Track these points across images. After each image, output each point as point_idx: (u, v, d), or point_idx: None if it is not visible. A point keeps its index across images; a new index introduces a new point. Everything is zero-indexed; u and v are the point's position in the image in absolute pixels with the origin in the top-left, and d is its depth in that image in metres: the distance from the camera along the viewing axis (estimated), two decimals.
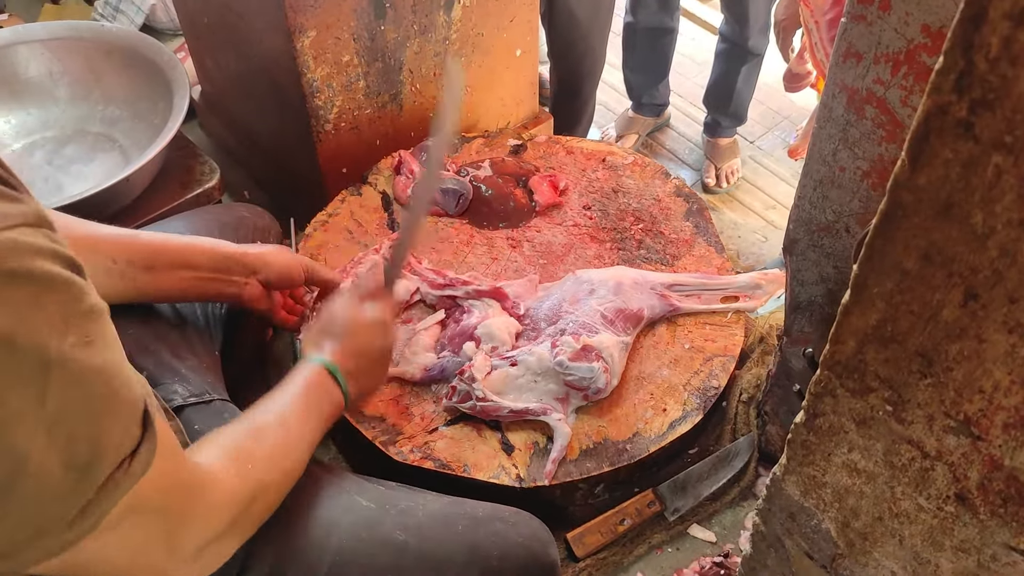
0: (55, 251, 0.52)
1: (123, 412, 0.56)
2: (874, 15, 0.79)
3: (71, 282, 0.53)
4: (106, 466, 0.55)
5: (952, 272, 0.51)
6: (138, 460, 0.58)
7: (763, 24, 2.41)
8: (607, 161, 1.64)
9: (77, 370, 0.52)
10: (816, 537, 0.77)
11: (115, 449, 0.56)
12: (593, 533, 1.25)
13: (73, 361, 0.51)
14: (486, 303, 1.33)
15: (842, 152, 0.93)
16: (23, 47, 1.66)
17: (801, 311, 1.15)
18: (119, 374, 0.56)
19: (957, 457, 0.59)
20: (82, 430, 0.53)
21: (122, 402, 0.56)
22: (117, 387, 0.55)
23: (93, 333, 0.54)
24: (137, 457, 0.58)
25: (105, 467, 0.55)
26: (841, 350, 0.62)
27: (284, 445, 0.88)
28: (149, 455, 0.59)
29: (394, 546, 0.92)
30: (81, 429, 0.53)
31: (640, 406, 1.27)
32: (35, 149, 1.67)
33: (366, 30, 1.49)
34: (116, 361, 0.56)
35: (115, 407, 0.55)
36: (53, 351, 0.50)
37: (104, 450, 0.55)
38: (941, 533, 0.65)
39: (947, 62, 0.45)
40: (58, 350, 0.50)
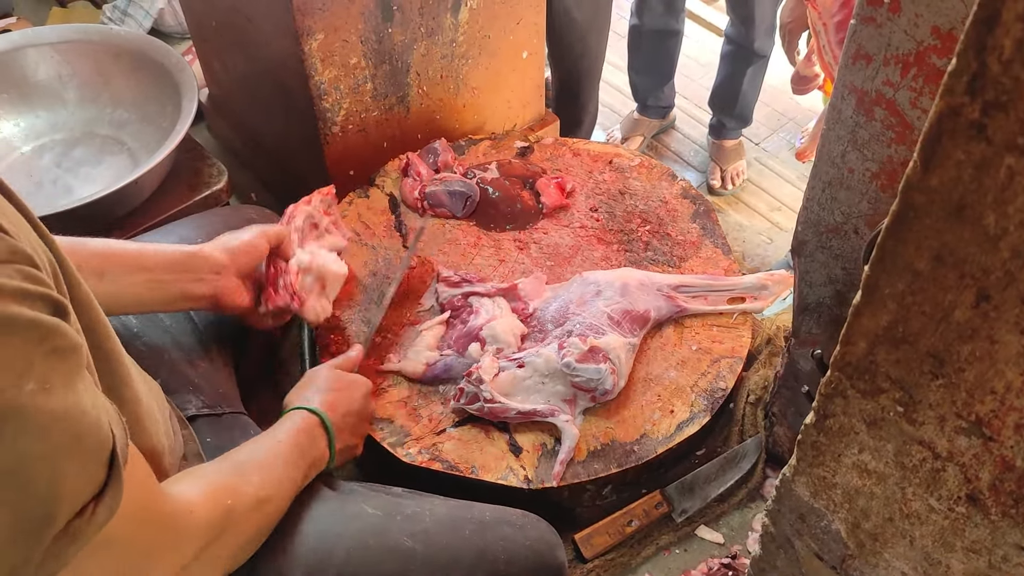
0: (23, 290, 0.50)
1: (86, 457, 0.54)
2: (884, 17, 0.79)
3: (35, 323, 0.50)
4: (64, 514, 0.53)
5: (964, 273, 0.51)
6: (103, 505, 0.56)
7: (769, 26, 2.41)
8: (614, 163, 1.64)
9: (35, 418, 0.50)
10: (826, 538, 0.77)
11: (73, 496, 0.53)
12: (601, 534, 1.25)
13: (31, 409, 0.49)
14: (496, 304, 1.34)
15: (851, 154, 0.93)
16: (32, 50, 1.66)
17: (809, 313, 1.15)
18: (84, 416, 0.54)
19: (968, 458, 0.59)
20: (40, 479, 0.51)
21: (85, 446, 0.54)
22: (81, 432, 0.53)
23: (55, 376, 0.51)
24: (102, 502, 0.56)
25: (63, 515, 0.53)
26: (852, 351, 0.62)
27: (268, 484, 0.87)
28: (115, 499, 0.57)
29: (401, 553, 0.92)
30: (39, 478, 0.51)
31: (647, 407, 1.27)
32: (44, 152, 1.67)
33: (373, 33, 1.50)
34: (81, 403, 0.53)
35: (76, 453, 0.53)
36: (10, 400, 0.48)
37: (62, 498, 0.52)
38: (952, 534, 0.65)
39: (960, 64, 0.45)
40: (15, 400, 0.48)
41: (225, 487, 0.81)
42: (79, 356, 0.55)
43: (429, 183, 1.55)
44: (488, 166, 1.61)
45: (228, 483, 0.82)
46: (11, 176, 1.61)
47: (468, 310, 1.35)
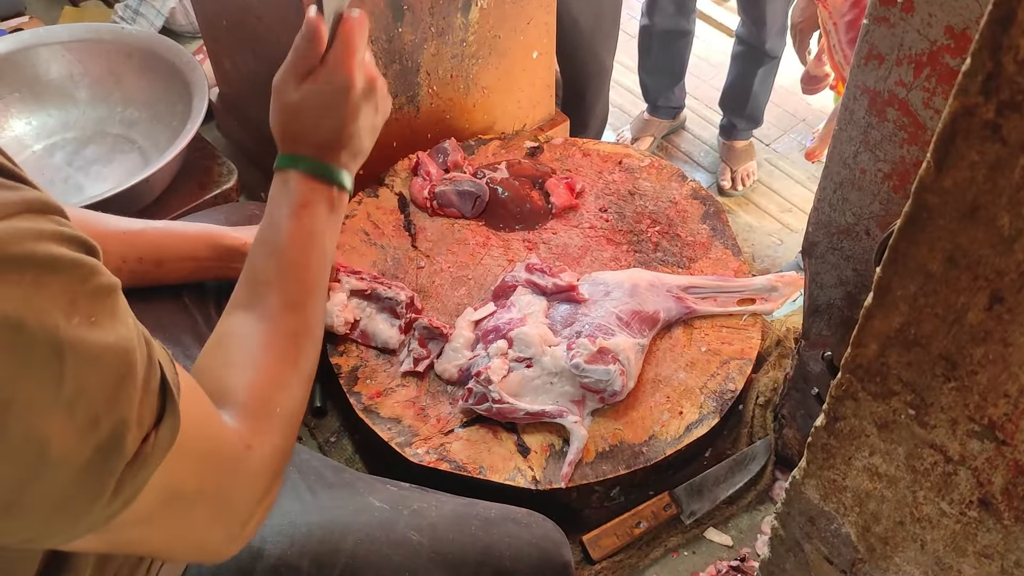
0: (59, 233, 0.52)
1: (141, 385, 0.55)
2: (897, 17, 0.79)
3: (77, 262, 0.52)
4: (131, 441, 0.54)
5: (977, 275, 0.51)
6: (164, 430, 0.57)
7: (780, 26, 2.40)
8: (624, 163, 1.64)
9: (89, 349, 0.51)
10: (836, 541, 0.77)
11: (137, 424, 0.55)
12: (609, 536, 1.25)
13: (83, 341, 0.51)
14: (532, 299, 1.33)
15: (863, 154, 0.92)
16: (44, 49, 1.67)
17: (820, 314, 1.15)
18: (132, 349, 0.55)
19: (981, 462, 0.59)
20: (102, 409, 0.52)
21: (138, 377, 0.55)
22: (131, 362, 0.54)
23: (100, 311, 0.53)
24: (162, 428, 0.57)
25: (130, 443, 0.54)
26: (863, 353, 0.62)
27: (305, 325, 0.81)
28: (173, 425, 0.58)
29: (408, 547, 0.92)
30: (101, 408, 0.52)
31: (656, 409, 1.26)
32: (55, 150, 1.68)
33: (383, 32, 1.50)
34: (128, 337, 0.55)
35: (131, 383, 0.54)
36: (63, 332, 0.49)
37: (126, 426, 0.54)
38: (964, 538, 0.65)
39: (974, 64, 0.44)
40: (67, 331, 0.50)
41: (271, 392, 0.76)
42: (119, 293, 0.56)
43: (439, 183, 1.55)
44: (498, 166, 1.60)
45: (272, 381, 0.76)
46: None
47: (504, 300, 1.35)
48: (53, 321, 0.49)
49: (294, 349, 0.80)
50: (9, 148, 1.65)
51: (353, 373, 1.30)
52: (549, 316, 1.33)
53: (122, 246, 1.01)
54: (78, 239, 0.54)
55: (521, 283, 1.36)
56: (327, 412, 1.43)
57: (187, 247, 1.08)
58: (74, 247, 0.53)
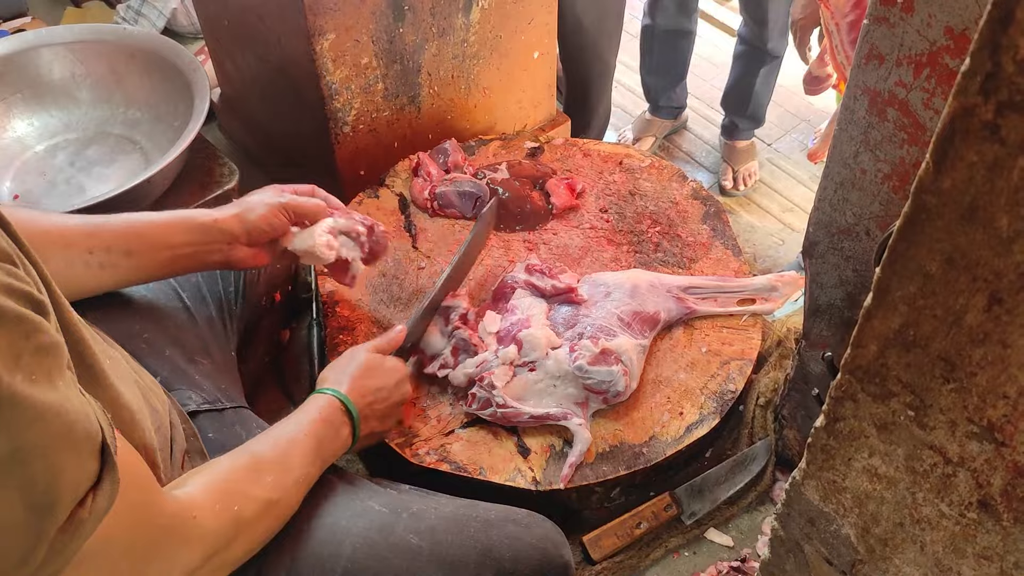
0: (7, 285, 0.51)
1: (79, 448, 0.54)
2: (897, 17, 0.79)
3: (20, 318, 0.51)
4: (65, 505, 0.53)
5: (976, 276, 0.51)
6: (101, 495, 0.56)
7: (782, 26, 2.39)
8: (624, 164, 1.64)
9: (29, 407, 0.50)
10: (836, 542, 0.77)
11: (72, 487, 0.54)
12: (609, 536, 1.25)
13: (24, 398, 0.50)
14: (533, 301, 1.33)
15: (863, 154, 0.92)
16: (46, 50, 1.68)
17: (820, 314, 1.15)
18: (72, 409, 0.54)
19: (980, 463, 0.59)
20: (38, 470, 0.51)
21: (77, 438, 0.54)
22: (71, 423, 0.54)
23: (42, 370, 0.52)
24: (100, 491, 0.56)
25: (64, 506, 0.53)
26: (862, 354, 0.62)
27: (280, 485, 0.87)
28: (112, 488, 0.57)
29: (407, 550, 0.92)
30: (37, 469, 0.51)
31: (657, 410, 1.26)
32: (57, 151, 1.68)
33: (385, 33, 1.50)
34: (69, 397, 0.54)
35: (70, 444, 0.53)
36: (4, 387, 0.49)
37: (62, 489, 0.53)
38: (963, 540, 0.64)
39: (973, 64, 0.44)
40: (9, 387, 0.49)
41: (234, 491, 0.80)
42: (61, 353, 0.55)
43: (439, 183, 1.55)
44: (498, 166, 1.60)
45: (238, 486, 0.81)
46: (25, 175, 1.63)
47: (503, 303, 1.35)
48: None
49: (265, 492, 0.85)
50: (11, 148, 1.66)
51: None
52: (550, 318, 1.33)
53: (86, 239, 0.98)
54: (25, 293, 0.53)
55: (520, 285, 1.36)
56: None
57: (157, 234, 1.03)
58: (20, 301, 0.52)
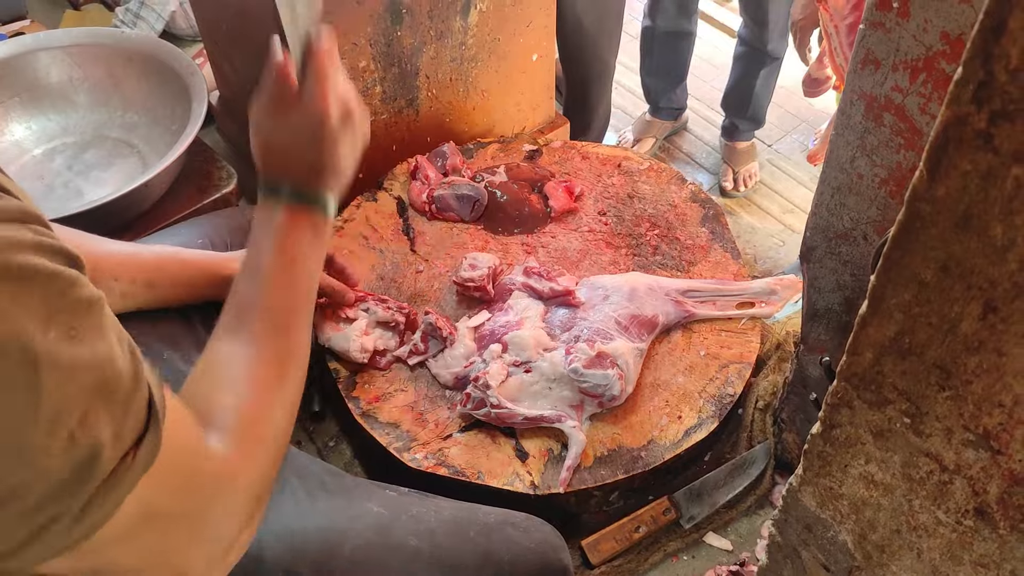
0: (38, 243, 0.51)
1: (122, 403, 0.54)
2: (893, 22, 0.78)
3: (55, 274, 0.51)
4: (107, 460, 0.53)
5: (971, 284, 0.50)
6: (144, 450, 0.56)
7: (782, 28, 2.39)
8: (623, 166, 1.63)
9: (67, 364, 0.50)
10: (833, 549, 0.77)
11: (113, 442, 0.54)
12: (608, 540, 1.24)
13: (61, 355, 0.50)
14: (530, 302, 1.33)
15: (860, 159, 0.92)
16: (44, 53, 1.67)
17: (818, 319, 1.14)
18: (115, 364, 0.54)
19: (976, 471, 0.59)
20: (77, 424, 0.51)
21: (120, 393, 0.54)
22: (110, 378, 0.53)
23: (80, 325, 0.52)
24: (142, 447, 0.56)
25: (106, 461, 0.53)
26: (858, 361, 0.61)
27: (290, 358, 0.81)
28: (154, 445, 0.57)
29: (406, 552, 0.92)
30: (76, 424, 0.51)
31: (655, 413, 1.26)
32: (55, 154, 1.68)
33: (382, 36, 1.50)
34: (109, 352, 0.54)
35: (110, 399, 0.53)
36: (39, 347, 0.48)
37: (103, 444, 0.53)
38: (960, 547, 0.64)
39: (966, 73, 0.44)
40: (43, 344, 0.49)
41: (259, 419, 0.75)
42: (103, 308, 0.55)
43: (437, 187, 1.54)
44: (496, 169, 1.60)
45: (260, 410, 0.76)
46: (22, 178, 1.62)
47: (501, 304, 1.35)
48: (28, 335, 0.48)
49: (279, 374, 0.80)
50: (9, 152, 1.66)
51: (351, 378, 1.30)
52: (547, 320, 1.33)
53: (114, 267, 0.98)
54: (59, 249, 0.53)
55: (518, 286, 1.36)
56: (326, 416, 1.42)
57: (183, 274, 1.04)
58: (54, 258, 0.52)
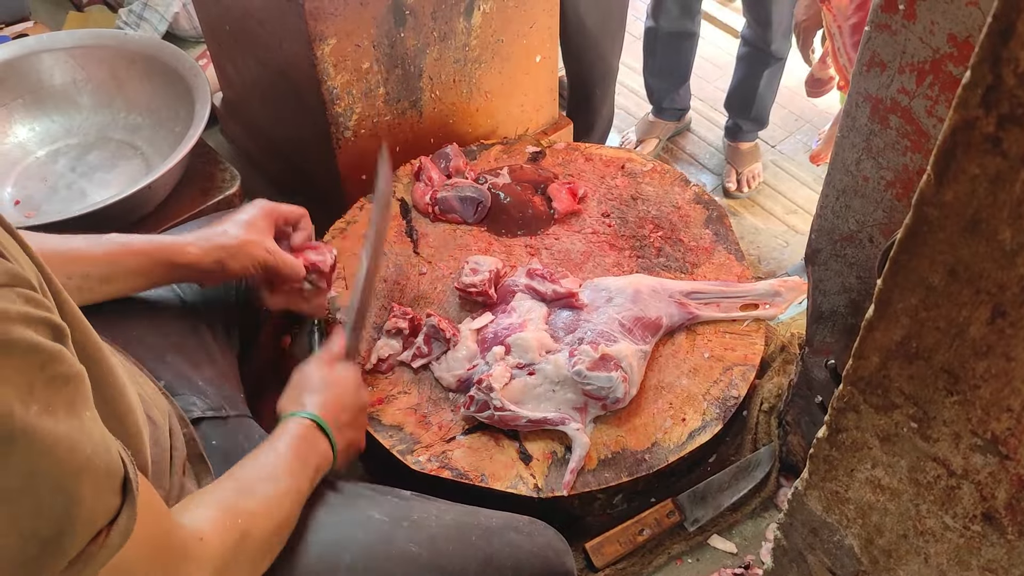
0: (25, 314, 0.50)
1: (98, 481, 0.54)
2: (899, 24, 0.78)
3: (37, 348, 0.50)
4: (78, 539, 0.53)
5: (979, 289, 0.50)
6: (116, 531, 0.56)
7: (786, 28, 2.39)
8: (626, 168, 1.63)
9: (43, 439, 0.49)
10: (839, 553, 0.76)
11: (87, 521, 0.53)
12: (612, 543, 1.24)
13: (38, 430, 0.49)
14: (531, 308, 1.33)
15: (865, 162, 0.91)
16: (47, 55, 1.68)
17: (823, 321, 1.14)
18: (92, 441, 0.53)
19: (984, 476, 0.58)
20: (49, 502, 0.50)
21: (96, 471, 0.53)
22: (89, 455, 0.53)
23: (60, 401, 0.51)
24: (116, 527, 0.56)
25: (77, 540, 0.52)
26: (864, 365, 0.61)
27: (274, 498, 0.86)
28: (128, 524, 0.57)
29: (408, 559, 0.92)
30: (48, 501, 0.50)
31: (659, 416, 1.26)
32: (59, 156, 1.68)
33: (386, 37, 1.49)
34: (87, 428, 0.53)
35: (88, 476, 0.53)
36: (17, 420, 0.48)
37: (75, 522, 0.52)
38: (967, 552, 0.64)
39: (974, 76, 0.44)
40: (23, 419, 0.48)
41: (235, 510, 0.80)
42: (82, 384, 0.54)
43: (441, 188, 1.54)
44: (500, 171, 1.60)
45: (238, 506, 0.81)
46: (26, 180, 1.63)
47: (504, 306, 1.35)
48: (8, 409, 0.47)
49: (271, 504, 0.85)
50: (12, 154, 1.66)
51: None
52: (550, 322, 1.32)
53: (66, 263, 0.98)
54: (43, 320, 0.52)
55: (521, 288, 1.36)
56: None
57: (135, 264, 1.04)
58: (39, 330, 0.51)
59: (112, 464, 0.56)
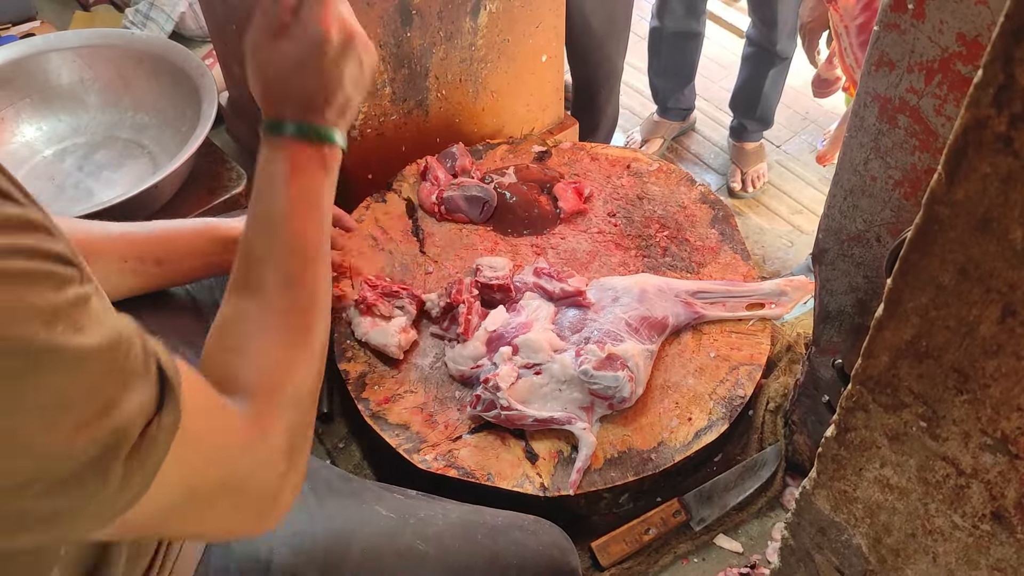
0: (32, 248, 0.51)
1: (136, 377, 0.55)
2: (907, 23, 0.78)
3: (51, 274, 0.51)
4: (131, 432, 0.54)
5: (990, 288, 0.50)
6: (166, 416, 0.57)
7: (791, 28, 2.39)
8: (632, 168, 1.63)
9: (72, 355, 0.50)
10: (847, 552, 0.76)
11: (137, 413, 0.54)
12: (618, 542, 1.24)
13: (66, 348, 0.50)
14: (541, 303, 1.33)
15: (873, 161, 0.91)
16: (55, 55, 1.68)
17: (830, 321, 1.14)
18: (119, 345, 0.54)
19: (994, 475, 0.58)
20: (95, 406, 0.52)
21: (130, 371, 0.54)
22: (121, 356, 0.54)
23: (84, 319, 0.52)
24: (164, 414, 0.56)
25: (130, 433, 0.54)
26: (874, 364, 0.61)
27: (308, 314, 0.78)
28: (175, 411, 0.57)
29: (414, 556, 0.92)
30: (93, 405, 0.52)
31: (665, 415, 1.26)
32: (66, 155, 1.69)
33: (392, 37, 1.50)
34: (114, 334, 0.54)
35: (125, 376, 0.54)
36: (41, 341, 0.49)
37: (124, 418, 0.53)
38: (976, 552, 0.64)
39: (986, 75, 0.44)
40: (47, 339, 0.49)
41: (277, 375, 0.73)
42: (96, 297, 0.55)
43: (447, 188, 1.54)
44: (506, 170, 1.60)
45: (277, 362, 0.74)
46: (33, 179, 1.63)
47: (512, 303, 1.35)
48: (31, 333, 0.49)
49: (300, 325, 0.77)
50: (20, 153, 1.66)
51: (361, 379, 1.30)
52: (557, 321, 1.33)
53: (121, 247, 0.99)
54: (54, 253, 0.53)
55: (529, 287, 1.36)
56: (334, 418, 1.43)
57: (186, 243, 1.05)
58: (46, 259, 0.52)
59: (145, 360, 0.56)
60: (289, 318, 0.77)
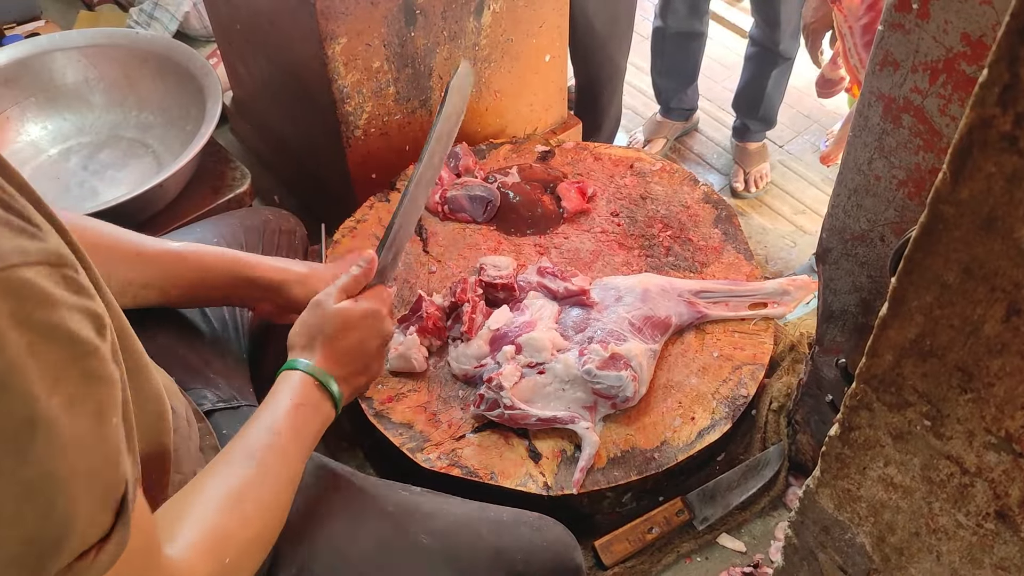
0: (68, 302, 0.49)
1: (100, 492, 0.52)
2: (912, 23, 0.78)
3: (76, 340, 0.49)
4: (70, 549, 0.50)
5: (994, 287, 0.50)
6: (106, 552, 0.53)
7: (794, 28, 2.39)
8: (635, 167, 1.63)
9: (62, 433, 0.48)
10: (850, 551, 0.76)
11: (81, 534, 0.51)
12: (621, 541, 1.24)
13: (59, 423, 0.47)
14: (543, 307, 1.33)
15: (877, 161, 0.91)
16: (60, 54, 1.69)
17: (834, 320, 1.14)
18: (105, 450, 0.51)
19: (998, 474, 0.58)
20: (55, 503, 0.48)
21: (101, 482, 0.51)
22: (99, 465, 0.51)
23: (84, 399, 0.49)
24: (105, 549, 0.53)
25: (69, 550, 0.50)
26: (878, 363, 0.61)
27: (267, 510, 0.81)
28: (118, 549, 0.54)
29: (419, 551, 0.92)
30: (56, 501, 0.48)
31: (668, 414, 1.26)
32: (70, 155, 1.69)
33: (396, 37, 1.50)
34: (106, 436, 0.51)
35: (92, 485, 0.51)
36: (42, 407, 0.46)
37: (73, 529, 0.50)
38: (980, 550, 0.64)
39: (991, 75, 0.44)
40: (45, 410, 0.46)
41: (222, 540, 0.75)
42: (114, 389, 0.53)
43: (450, 187, 1.55)
44: (509, 170, 1.60)
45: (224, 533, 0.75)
46: (38, 179, 1.63)
47: (515, 303, 1.35)
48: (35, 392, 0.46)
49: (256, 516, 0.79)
50: (25, 152, 1.67)
51: None
52: (560, 321, 1.33)
53: (157, 269, 0.99)
54: (87, 310, 0.50)
55: (533, 286, 1.36)
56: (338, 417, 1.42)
57: (213, 279, 1.03)
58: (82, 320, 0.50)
59: (117, 478, 0.54)
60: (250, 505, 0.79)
